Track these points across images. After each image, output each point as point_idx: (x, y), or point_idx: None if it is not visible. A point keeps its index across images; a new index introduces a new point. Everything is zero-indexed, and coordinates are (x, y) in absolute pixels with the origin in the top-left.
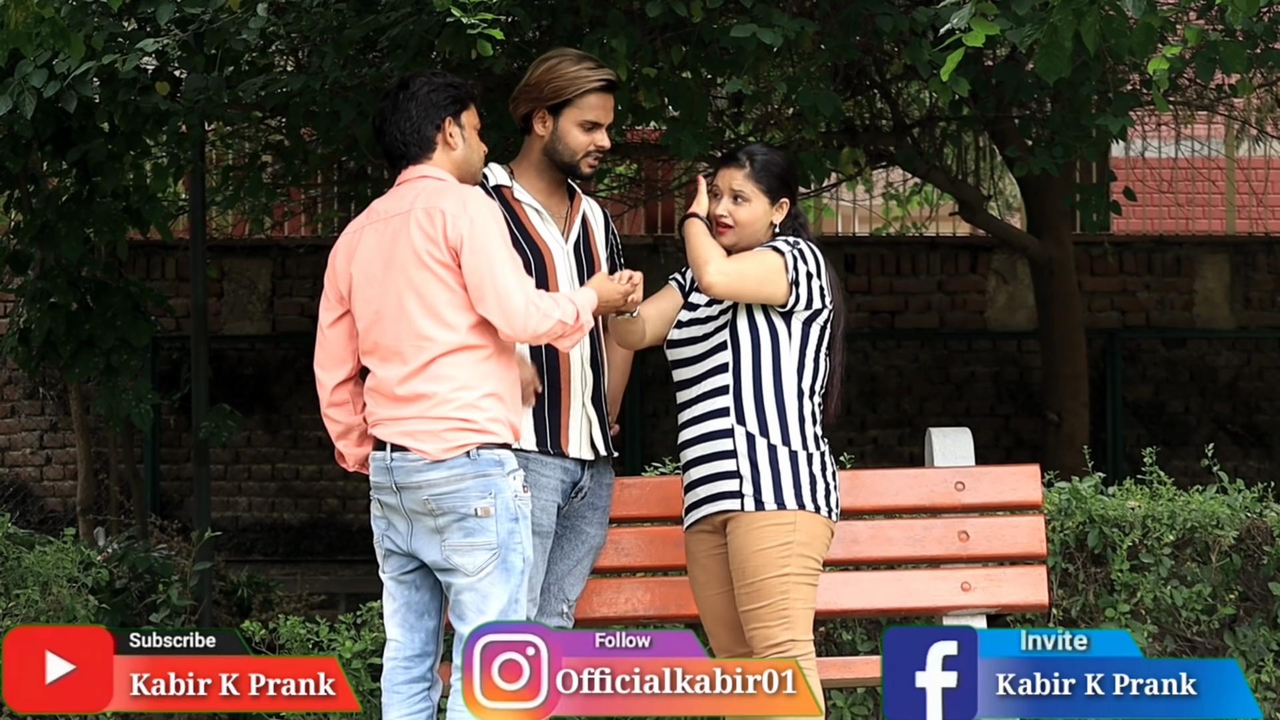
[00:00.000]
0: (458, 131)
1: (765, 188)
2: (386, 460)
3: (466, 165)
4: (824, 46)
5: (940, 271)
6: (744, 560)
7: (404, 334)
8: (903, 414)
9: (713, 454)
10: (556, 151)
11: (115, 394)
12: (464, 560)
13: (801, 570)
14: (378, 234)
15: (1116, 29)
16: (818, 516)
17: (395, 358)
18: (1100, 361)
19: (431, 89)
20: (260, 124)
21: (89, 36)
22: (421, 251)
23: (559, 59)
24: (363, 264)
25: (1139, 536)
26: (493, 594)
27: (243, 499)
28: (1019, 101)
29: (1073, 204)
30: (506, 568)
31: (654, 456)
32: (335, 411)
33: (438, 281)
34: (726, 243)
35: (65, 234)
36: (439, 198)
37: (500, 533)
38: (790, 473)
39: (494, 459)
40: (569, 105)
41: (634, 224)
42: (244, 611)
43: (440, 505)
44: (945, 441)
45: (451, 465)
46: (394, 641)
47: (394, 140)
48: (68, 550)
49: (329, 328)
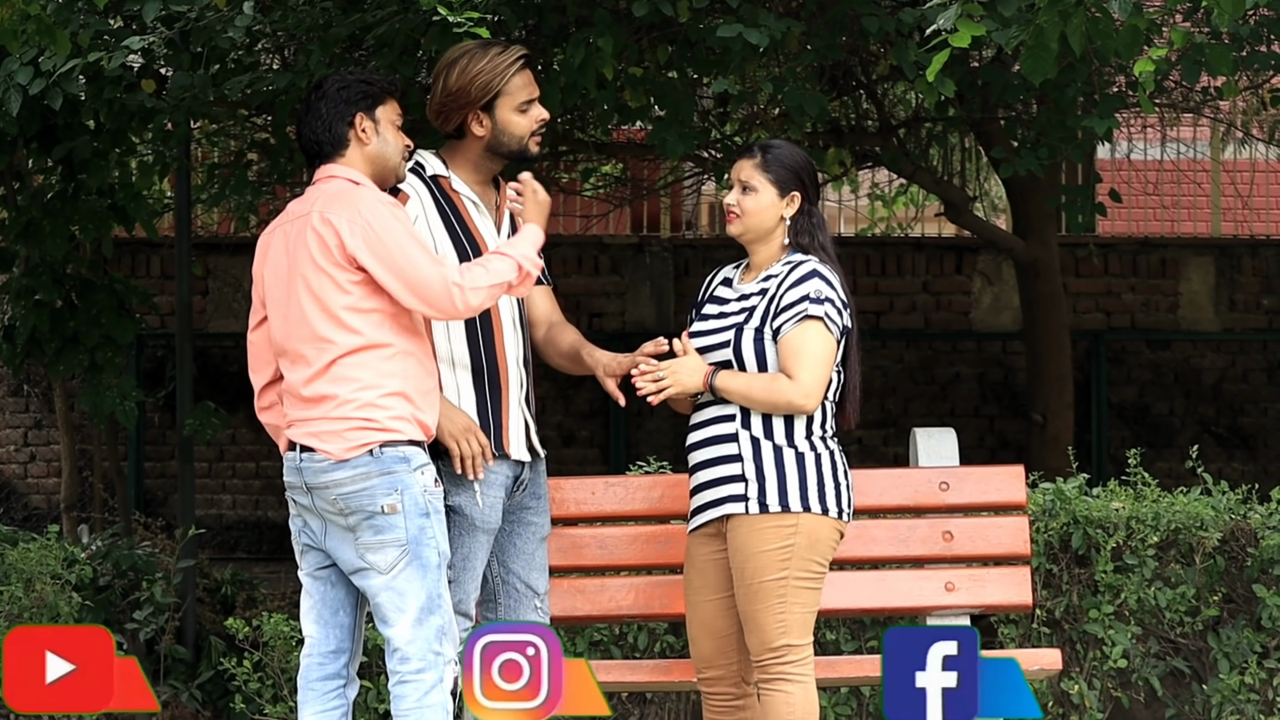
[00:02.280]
0: (371, 126)
1: (774, 178)
2: (296, 461)
3: (382, 160)
4: (810, 47)
5: (925, 272)
6: (744, 562)
7: (306, 336)
8: (887, 414)
9: (719, 457)
10: (501, 144)
11: (99, 391)
12: (376, 558)
13: (802, 574)
14: (285, 236)
15: (1102, 30)
16: (824, 518)
17: (300, 360)
18: (1085, 363)
19: (342, 86)
20: (246, 122)
21: (75, 34)
22: (316, 255)
23: (465, 57)
24: (273, 265)
25: (1123, 538)
26: (409, 591)
27: (227, 496)
28: (1005, 103)
29: (1058, 205)
30: (421, 564)
31: (639, 455)
32: (265, 415)
33: (332, 284)
34: (734, 232)
35: (50, 231)
36: (333, 205)
37: (410, 529)
38: (796, 474)
39: (398, 456)
40: (500, 96)
41: (619, 224)
42: (228, 609)
43: (349, 505)
44: (930, 442)
45: (355, 464)
46: (310, 638)
47: (309, 140)
48: (51, 547)
49: (252, 331)
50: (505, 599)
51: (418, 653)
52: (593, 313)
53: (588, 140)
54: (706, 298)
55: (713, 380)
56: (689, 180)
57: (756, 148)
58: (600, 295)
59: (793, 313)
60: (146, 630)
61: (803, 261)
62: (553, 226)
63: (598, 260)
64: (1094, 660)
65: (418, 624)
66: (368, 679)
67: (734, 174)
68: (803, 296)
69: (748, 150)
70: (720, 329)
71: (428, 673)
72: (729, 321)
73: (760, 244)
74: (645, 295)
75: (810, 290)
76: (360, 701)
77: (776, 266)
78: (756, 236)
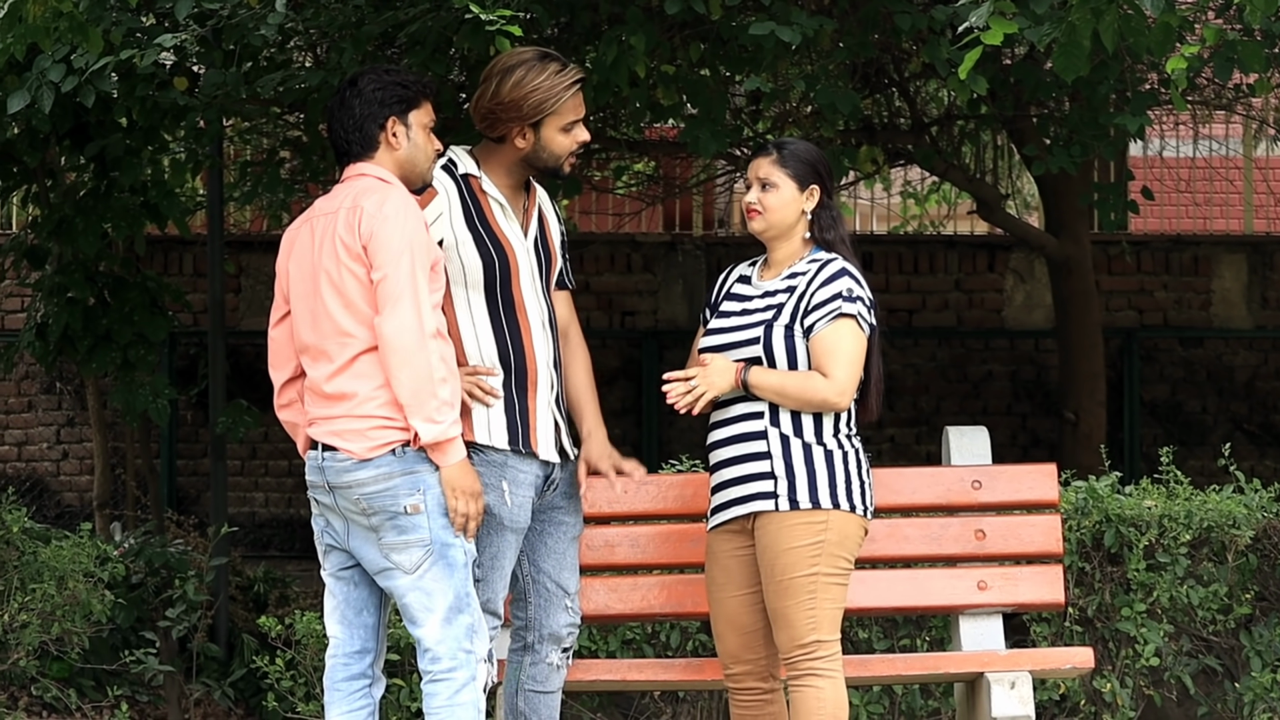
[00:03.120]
0: (403, 131)
1: (793, 173)
2: (319, 459)
3: (411, 165)
4: (842, 44)
5: (958, 270)
6: (774, 558)
7: (329, 331)
8: (920, 412)
9: (746, 455)
10: (539, 159)
11: (132, 389)
12: (401, 558)
13: (831, 570)
14: (311, 230)
15: (1135, 28)
16: (852, 515)
17: (322, 357)
18: (1117, 361)
19: (378, 87)
20: (278, 119)
21: (107, 31)
22: (340, 248)
23: (523, 68)
24: (297, 261)
25: (1155, 536)
26: (437, 591)
27: (260, 494)
28: (1037, 100)
29: (1090, 203)
30: (448, 563)
31: (671, 454)
32: (285, 413)
33: (354, 278)
34: (757, 228)
35: (83, 229)
36: (363, 196)
37: (434, 528)
38: (826, 471)
39: (421, 455)
40: (550, 116)
41: (652, 222)
42: (260, 607)
43: (371, 505)
44: (962, 440)
45: (378, 464)
46: (334, 639)
47: (339, 137)
48: (84, 545)
49: (274, 328)
50: (536, 598)
51: (448, 652)
52: (625, 311)
53: (620, 138)
54: (724, 295)
55: (745, 376)
56: (721, 178)
57: (771, 145)
58: (633, 293)
59: (826, 311)
60: (179, 628)
61: (830, 259)
62: (584, 225)
63: (630, 258)
64: (1126, 658)
65: (446, 623)
66: (399, 677)
67: (751, 173)
68: (835, 294)
69: (763, 149)
70: (746, 325)
71: (459, 671)
72: (756, 318)
73: (782, 240)
74: (678, 293)
75: (842, 288)
76: (392, 699)
77: (801, 264)
78: (779, 232)
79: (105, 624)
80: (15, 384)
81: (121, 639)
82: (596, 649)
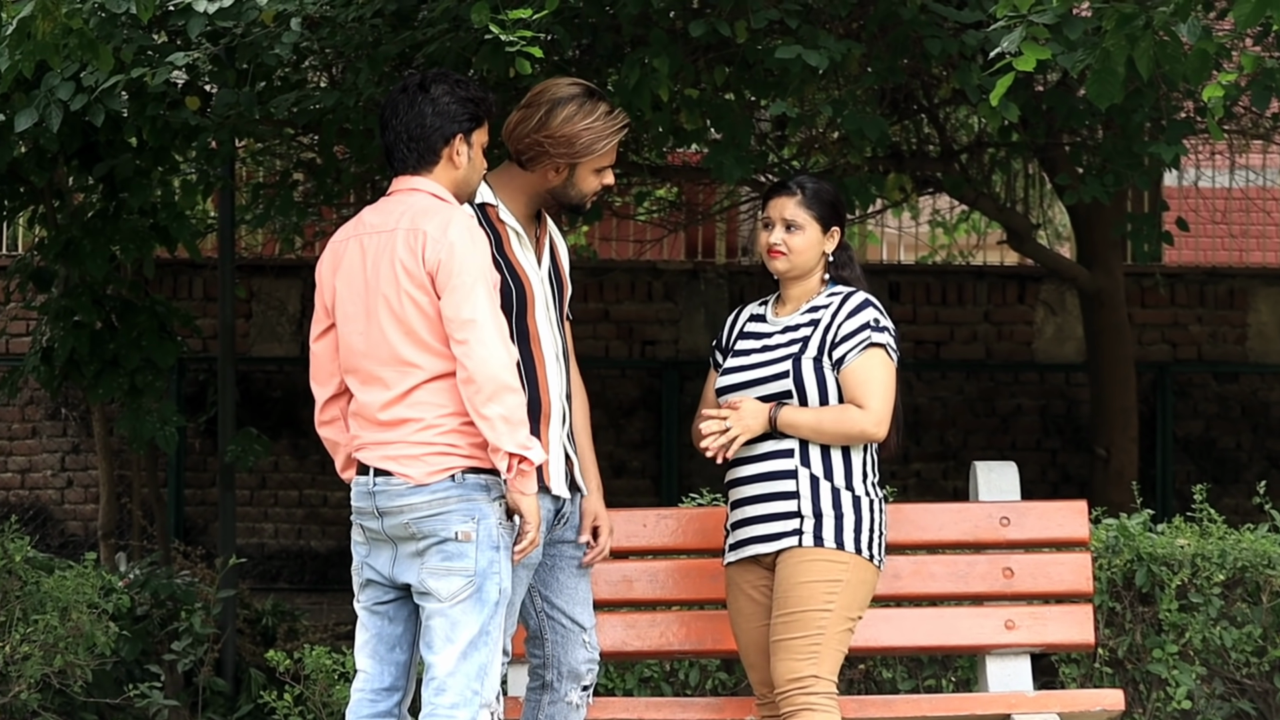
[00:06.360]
0: (465, 150)
1: (817, 215)
2: (370, 485)
3: (466, 185)
4: (870, 69)
5: (987, 301)
6: (789, 590)
7: (386, 359)
8: (947, 447)
9: (773, 494)
10: (566, 195)
11: (139, 416)
12: (439, 584)
13: (844, 612)
14: (362, 248)
15: (1171, 55)
16: (870, 565)
17: (377, 383)
18: (1150, 396)
19: (453, 99)
20: (292, 141)
21: (118, 49)
22: (401, 275)
23: (574, 104)
24: (346, 277)
25: (1188, 575)
26: (463, 622)
27: (269, 525)
28: (1070, 128)
29: (1124, 234)
30: (481, 597)
31: (691, 487)
32: (325, 430)
33: (416, 309)
34: (780, 268)
35: (90, 251)
36: (424, 217)
37: (480, 560)
38: (853, 516)
39: (480, 483)
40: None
41: (674, 249)
42: (269, 641)
43: (421, 528)
44: (990, 475)
45: (435, 489)
46: (363, 673)
47: (398, 140)
48: (88, 575)
49: (316, 342)
50: (552, 634)
51: (455, 686)
52: (645, 340)
53: (642, 163)
54: (737, 334)
55: (776, 415)
56: (745, 205)
57: (794, 185)
58: (654, 323)
59: (856, 341)
60: (185, 662)
61: (851, 292)
62: (604, 251)
63: (651, 287)
64: (1158, 701)
65: (463, 657)
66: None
67: (774, 212)
68: (863, 325)
69: (784, 188)
70: (770, 361)
71: (461, 710)
72: (781, 353)
73: (802, 279)
74: (699, 323)
75: (869, 319)
76: None
77: (820, 298)
78: (802, 273)
79: (109, 657)
80: (20, 410)
81: (126, 672)
82: (613, 687)
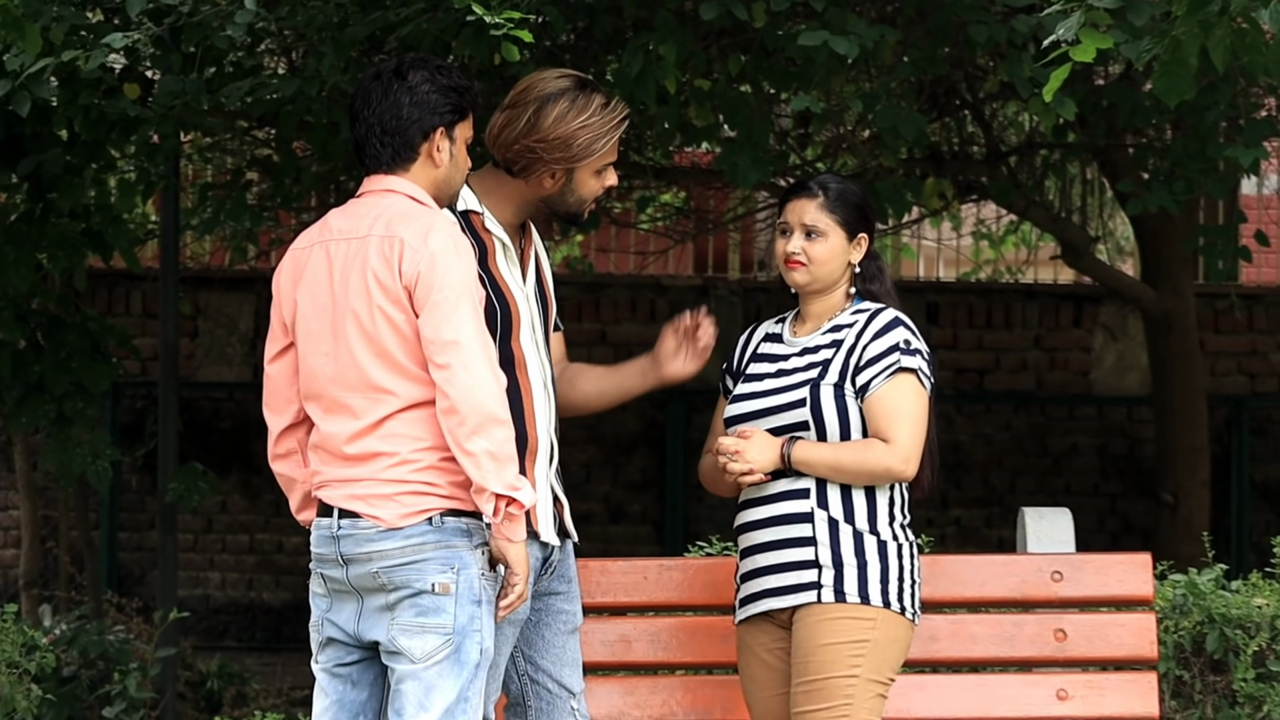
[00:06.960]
0: (446, 146)
1: (841, 220)
2: (333, 528)
3: (446, 185)
4: (907, 59)
5: (1038, 325)
6: (808, 654)
7: (354, 383)
8: (991, 491)
9: (787, 540)
10: (564, 203)
11: (68, 448)
12: (411, 643)
13: (874, 676)
14: (329, 256)
15: (1250, 45)
16: (902, 619)
17: (343, 411)
18: (1223, 434)
19: (433, 88)
20: (245, 135)
21: (47, 29)
22: (374, 287)
23: (566, 100)
24: (310, 290)
25: (1267, 640)
26: (439, 686)
27: (215, 574)
28: (1134, 128)
29: (1195, 249)
30: (460, 659)
31: (699, 534)
32: (280, 465)
33: (390, 327)
34: (800, 281)
35: (13, 260)
36: (400, 223)
37: (459, 616)
38: (878, 564)
39: (461, 528)
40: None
41: (680, 262)
42: (214, 707)
43: (392, 579)
44: (1041, 524)
45: (409, 534)
46: None
47: (370, 134)
48: (8, 631)
49: (271, 364)
50: (536, 701)
51: None
52: None
53: (645, 164)
54: (750, 357)
55: (789, 452)
56: (762, 212)
57: (815, 186)
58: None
59: (883, 366)
60: None
61: (880, 308)
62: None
63: (654, 304)
64: None
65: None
66: None
67: (793, 217)
68: (892, 347)
69: (804, 190)
70: (787, 386)
71: None
72: (798, 378)
73: (824, 294)
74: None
75: (899, 340)
76: None
77: (845, 315)
78: (823, 287)
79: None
80: None
81: None
82: None
